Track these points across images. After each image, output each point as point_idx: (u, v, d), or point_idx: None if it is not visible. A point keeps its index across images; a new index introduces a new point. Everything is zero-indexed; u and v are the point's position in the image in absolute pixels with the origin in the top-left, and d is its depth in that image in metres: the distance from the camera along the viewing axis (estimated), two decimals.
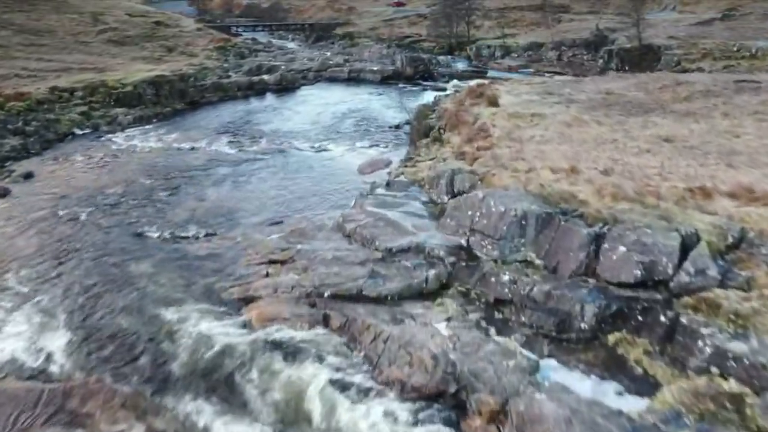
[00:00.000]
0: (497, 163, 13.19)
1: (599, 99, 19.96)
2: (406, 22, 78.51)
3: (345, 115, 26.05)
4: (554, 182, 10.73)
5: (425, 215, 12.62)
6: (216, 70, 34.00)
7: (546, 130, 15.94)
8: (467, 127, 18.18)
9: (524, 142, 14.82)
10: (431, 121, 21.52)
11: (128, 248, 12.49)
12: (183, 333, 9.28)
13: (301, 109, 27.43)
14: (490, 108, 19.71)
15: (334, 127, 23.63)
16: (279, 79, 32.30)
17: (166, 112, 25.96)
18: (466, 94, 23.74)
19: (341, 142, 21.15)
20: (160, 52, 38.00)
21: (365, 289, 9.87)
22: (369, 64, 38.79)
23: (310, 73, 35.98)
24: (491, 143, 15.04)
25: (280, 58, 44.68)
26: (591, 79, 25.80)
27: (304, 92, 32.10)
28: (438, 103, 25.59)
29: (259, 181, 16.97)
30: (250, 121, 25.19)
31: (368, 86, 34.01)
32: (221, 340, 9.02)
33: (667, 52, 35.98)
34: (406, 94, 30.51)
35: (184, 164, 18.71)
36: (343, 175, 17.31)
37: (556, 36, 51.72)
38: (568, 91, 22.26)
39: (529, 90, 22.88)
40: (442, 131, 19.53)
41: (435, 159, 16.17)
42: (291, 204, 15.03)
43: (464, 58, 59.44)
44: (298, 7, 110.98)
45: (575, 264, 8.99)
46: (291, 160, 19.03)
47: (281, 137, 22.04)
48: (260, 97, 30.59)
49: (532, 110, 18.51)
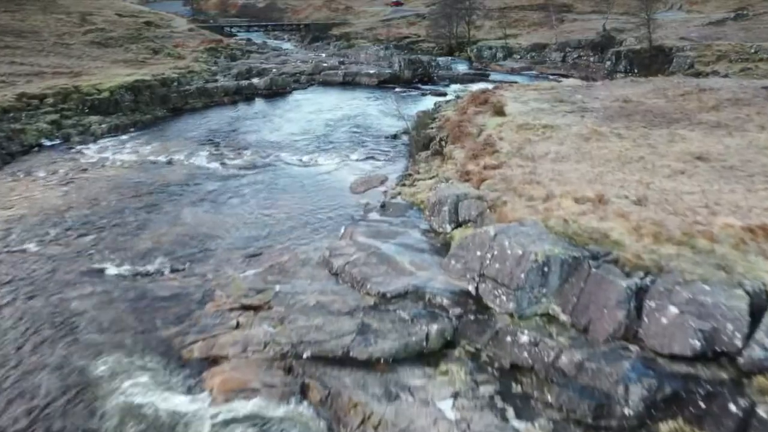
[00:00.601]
0: (508, 186, 11.49)
1: (616, 107, 18.28)
2: (404, 23, 76.87)
3: (338, 123, 24.35)
4: (579, 216, 9.02)
5: (425, 248, 10.91)
6: (203, 74, 32.29)
7: (561, 145, 14.26)
8: (471, 139, 16.49)
9: (537, 160, 13.14)
10: (431, 131, 19.84)
11: (76, 287, 10.76)
12: (118, 403, 7.55)
13: (292, 117, 25.72)
14: (496, 118, 18.03)
15: (326, 137, 21.92)
16: (269, 83, 30.59)
17: (145, 120, 24.23)
18: (469, 101, 22.07)
19: (333, 155, 19.44)
20: (145, 55, 36.30)
21: (353, 349, 8.16)
22: (365, 67, 37.10)
23: (302, 77, 34.29)
24: (499, 161, 13.34)
25: (273, 60, 42.99)
26: (603, 83, 24.14)
27: (295, 97, 30.39)
28: (438, 110, 23.93)
29: (240, 202, 15.25)
30: (236, 129, 23.47)
31: (364, 91, 32.30)
32: (170, 418, 7.31)
33: (680, 54, 34.36)
34: (404, 100, 28.82)
35: (158, 181, 16.99)
36: (334, 194, 15.59)
37: (560, 37, 50.12)
38: (580, 98, 20.59)
39: (537, 96, 21.20)
40: (443, 143, 17.83)
41: (436, 177, 14.48)
42: (273, 230, 13.30)
43: (464, 60, 57.79)
44: (295, 7, 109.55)
45: (612, 325, 7.29)
46: (277, 175, 17.32)
47: (268, 149, 20.33)
48: (248, 103, 28.87)
49: (542, 120, 16.83)
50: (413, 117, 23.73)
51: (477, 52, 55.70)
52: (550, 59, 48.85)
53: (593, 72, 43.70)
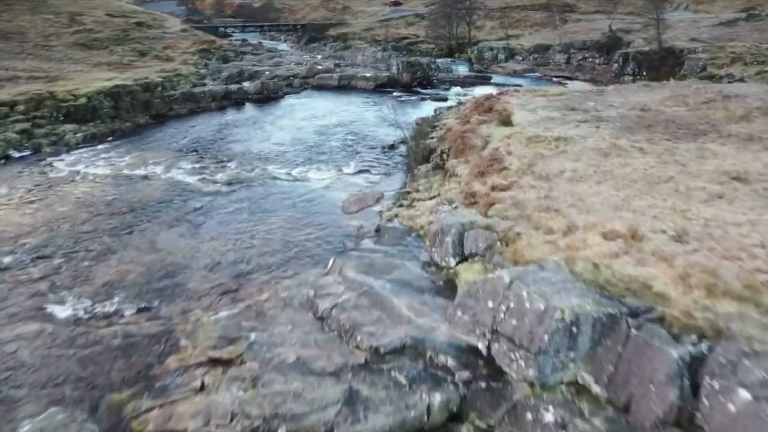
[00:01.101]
0: (521, 213, 10.04)
1: (633, 116, 16.85)
2: (403, 23, 75.45)
3: (331, 131, 22.89)
4: (612, 259, 7.56)
5: (426, 287, 9.45)
6: (190, 77, 30.84)
7: (577, 162, 12.82)
8: (476, 153, 15.05)
9: (552, 180, 11.69)
10: (431, 141, 18.39)
11: (18, 327, 9.34)
12: None
13: (283, 124, 24.26)
14: (503, 128, 16.58)
15: (318, 147, 20.45)
16: (260, 87, 29.12)
17: (125, 128, 22.76)
18: (472, 108, 20.62)
19: (325, 168, 17.98)
20: (131, 57, 34.82)
21: (338, 426, 6.71)
22: (362, 69, 35.65)
23: (295, 80, 32.82)
24: (509, 180, 11.88)
25: (266, 62, 41.53)
26: (615, 89, 22.71)
27: (287, 103, 28.92)
28: (439, 117, 22.48)
29: (220, 224, 13.78)
30: (222, 138, 22.00)
31: (360, 95, 30.85)
32: None
33: (691, 57, 32.96)
34: (402, 106, 27.37)
35: (132, 199, 15.53)
36: (324, 214, 14.13)
37: (563, 37, 48.73)
38: (592, 105, 19.16)
39: (547, 104, 19.76)
40: (445, 156, 16.39)
41: (437, 198, 13.02)
42: (254, 259, 11.85)
43: (465, 61, 56.35)
44: (292, 6, 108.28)
45: (661, 406, 5.84)
46: (263, 192, 15.85)
47: (255, 160, 18.87)
48: (237, 109, 27.40)
49: (554, 132, 15.38)
50: (412, 125, 22.29)
51: (478, 54, 54.30)
52: (553, 61, 47.44)
53: (599, 74, 42.31)
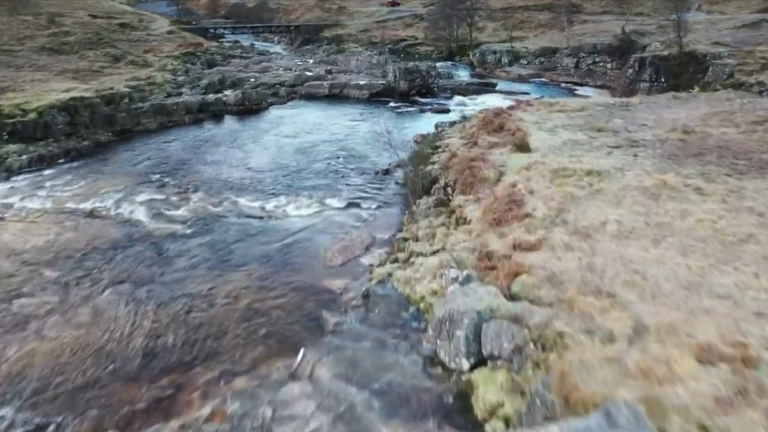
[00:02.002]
0: (559, 294, 7.36)
1: (675, 140, 14.18)
2: (401, 24, 72.88)
3: (318, 150, 20.21)
4: (725, 413, 4.85)
5: (429, 406, 6.76)
6: (165, 86, 28.14)
7: (619, 206, 10.14)
8: (488, 187, 12.37)
9: (593, 236, 9.00)
10: (433, 167, 15.72)
11: None
12: None
13: (263, 142, 21.57)
14: (519, 155, 13.92)
15: (301, 172, 17.77)
16: (241, 98, 26.42)
17: (81, 148, 20.02)
18: (480, 126, 17.97)
19: (307, 199, 15.28)
20: (103, 63, 32.11)
21: None
22: (355, 76, 32.98)
23: (282, 89, 30.11)
24: (536, 236, 9.19)
25: (254, 67, 38.88)
26: (643, 102, 20.02)
27: (271, 115, 26.22)
28: (441, 134, 19.81)
29: (170, 285, 11.07)
30: (191, 160, 19.29)
31: (353, 106, 28.16)
32: None
33: (716, 62, 30.34)
34: (399, 119, 24.72)
35: (66, 247, 12.81)
36: (301, 269, 11.43)
37: (571, 40, 46.13)
38: (621, 124, 16.51)
39: (567, 121, 17.10)
40: (450, 190, 13.71)
41: (442, 252, 10.32)
42: (204, 343, 9.13)
43: (466, 65, 53.75)
44: (287, 6, 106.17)
45: None
46: (229, 236, 13.12)
47: (226, 190, 16.17)
48: (214, 123, 24.70)
49: (583, 161, 12.70)
50: (410, 144, 19.65)
51: (480, 57, 51.75)
52: (561, 65, 44.84)
53: (612, 80, 39.69)
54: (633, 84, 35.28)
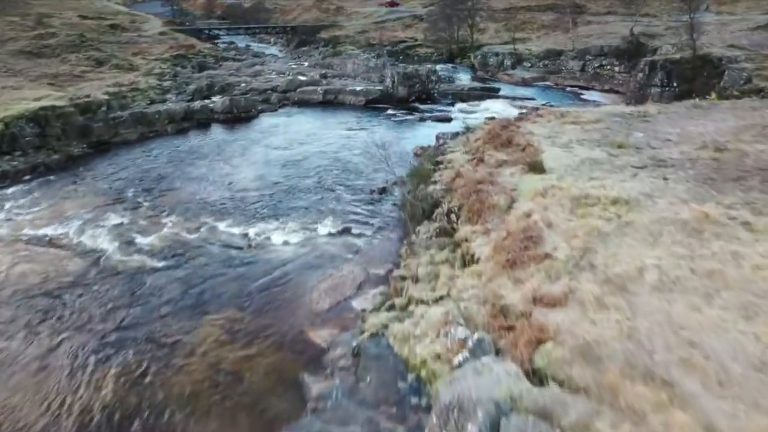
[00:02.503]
0: (597, 376, 5.85)
1: (707, 160, 12.66)
2: (400, 25, 71.37)
3: (309, 165, 18.69)
4: None
5: None
6: (149, 92, 26.60)
7: (655, 245, 8.63)
8: (498, 217, 10.86)
9: (629, 288, 7.49)
10: (435, 188, 14.19)
11: None
12: None
13: (250, 155, 20.05)
14: (532, 176, 12.40)
15: (289, 191, 16.24)
16: (228, 105, 24.88)
17: (51, 162, 18.50)
18: (486, 140, 16.45)
19: (294, 224, 13.75)
20: (85, 67, 30.58)
21: None
22: (351, 81, 31.43)
23: (273, 95, 28.57)
24: (561, 287, 7.66)
25: (246, 70, 37.34)
26: (662, 112, 18.49)
27: (261, 124, 24.68)
28: (443, 148, 18.27)
29: (121, 340, 9.53)
30: (170, 176, 17.77)
31: (348, 113, 26.62)
32: None
33: (733, 66, 28.85)
34: (397, 128, 23.20)
35: (7, 285, 11.26)
36: (282, 315, 9.91)
37: (577, 42, 44.63)
38: (642, 138, 14.99)
39: (582, 135, 15.59)
40: (454, 217, 12.19)
41: (446, 301, 8.81)
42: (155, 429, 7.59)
43: (467, 68, 52.24)
44: (284, 7, 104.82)
45: None
46: (203, 272, 11.59)
47: (204, 212, 14.64)
48: (199, 133, 23.17)
49: (606, 186, 11.18)
50: (408, 158, 18.14)
51: (481, 59, 50.24)
52: (566, 68, 43.34)
53: (620, 84, 38.23)
54: (643, 89, 33.81)
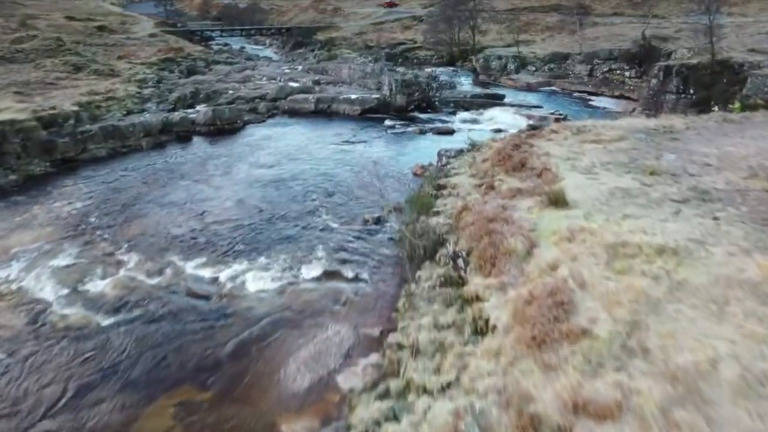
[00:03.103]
0: None
1: (760, 191, 10.79)
2: (398, 26, 69.54)
3: (295, 187, 16.82)
4: None
5: None
6: (126, 102, 24.72)
7: (722, 321, 6.76)
8: (516, 267, 9.00)
9: (703, 394, 5.63)
10: (437, 220, 12.32)
11: None
12: None
13: (230, 175, 18.17)
14: (553, 212, 10.54)
15: (271, 221, 14.36)
16: (211, 117, 22.97)
17: (6, 185, 16.62)
18: (496, 161, 14.56)
19: (273, 264, 11.89)
20: (60, 73, 28.67)
21: None
22: (346, 88, 29.56)
23: (262, 104, 26.68)
24: (611, 393, 5.78)
25: (235, 75, 35.49)
26: (690, 127, 16.62)
27: (246, 138, 22.79)
28: (446, 168, 16.39)
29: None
30: (137, 201, 15.88)
31: (342, 125, 24.75)
32: None
33: (755, 73, 27.04)
34: (395, 143, 21.35)
35: None
36: (246, 402, 8.01)
37: (584, 45, 42.83)
38: (676, 162, 13.12)
39: (605, 155, 13.71)
40: (461, 261, 10.31)
41: (454, 390, 6.95)
42: None
43: (468, 72, 50.40)
44: (280, 7, 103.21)
45: None
46: (156, 333, 9.69)
47: (170, 249, 12.76)
48: (178, 148, 21.27)
49: (646, 228, 9.29)
50: (407, 178, 16.31)
51: (484, 63, 48.43)
52: (573, 72, 41.58)
53: (631, 90, 36.43)
54: (657, 96, 32.00)
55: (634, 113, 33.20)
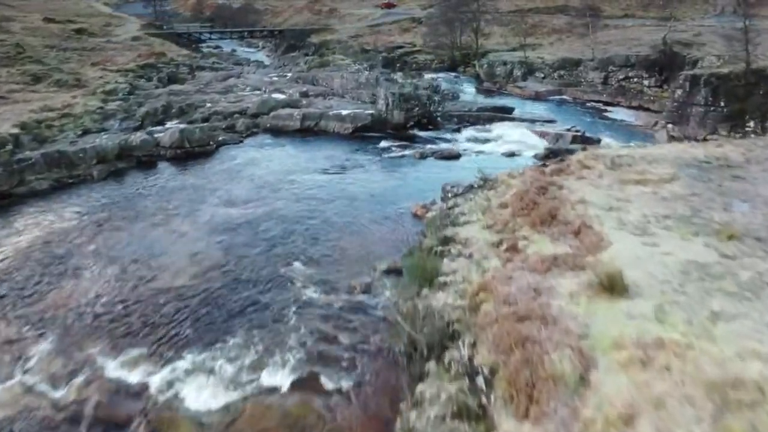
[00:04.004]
0: None
1: None
2: (396, 28, 66.63)
3: (266, 233, 13.90)
4: None
5: None
6: (84, 119, 21.80)
7: None
8: (565, 405, 6.09)
9: None
10: (445, 299, 9.38)
11: None
12: None
13: (190, 215, 15.22)
14: (609, 304, 7.62)
15: (231, 287, 11.41)
16: (179, 138, 19.99)
17: None
18: (517, 210, 11.59)
19: (226, 363, 8.95)
20: (16, 85, 25.75)
21: None
22: (337, 102, 26.62)
23: (240, 121, 23.70)
24: None
25: (216, 85, 32.56)
26: (751, 159, 13.70)
27: (219, 164, 19.82)
28: (453, 213, 13.43)
29: None
30: (65, 257, 12.90)
31: (331, 146, 21.82)
32: None
33: None
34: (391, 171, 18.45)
35: None
36: None
37: (597, 50, 39.97)
38: (748, 210, 10.23)
39: (657, 204, 10.78)
40: (483, 380, 7.40)
41: None
42: None
43: (471, 78, 47.50)
44: (275, 8, 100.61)
45: None
46: None
47: (92, 335, 9.82)
48: (136, 177, 18.31)
49: (756, 350, 6.41)
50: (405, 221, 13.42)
51: (488, 69, 45.56)
52: (586, 80, 38.76)
53: (650, 101, 33.54)
54: (682, 108, 29.12)
55: (656, 127, 30.45)
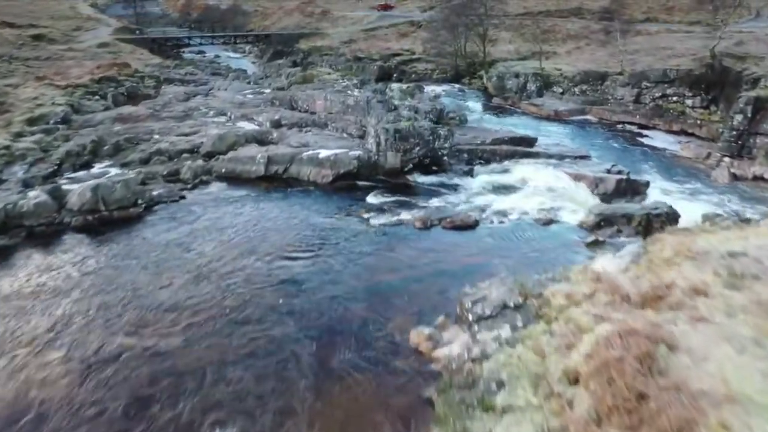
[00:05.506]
0: None
1: None
2: (393, 33, 61.51)
3: (186, 398, 8.66)
4: None
5: None
6: None
7: None
8: None
9: None
10: None
11: None
12: None
13: (84, 347, 10.02)
14: None
15: None
16: (91, 198, 14.76)
17: None
18: (605, 407, 6.36)
19: None
20: None
21: None
22: (316, 136, 21.42)
23: (187, 164, 18.44)
24: None
25: (174, 107, 27.38)
26: None
27: (143, 238, 14.48)
28: (484, 378, 8.24)
29: None
30: None
31: (301, 204, 16.57)
32: None
33: None
34: (380, 255, 13.26)
35: None
36: None
37: (625, 62, 34.90)
38: None
39: None
40: None
41: None
42: None
43: (478, 91, 42.38)
44: (264, 9, 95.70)
45: None
46: None
47: None
48: (22, 263, 13.07)
49: None
50: (399, 368, 8.24)
51: (497, 81, 40.42)
52: (614, 97, 33.65)
53: (696, 126, 28.45)
54: (741, 137, 24.12)
55: (710, 160, 25.48)
